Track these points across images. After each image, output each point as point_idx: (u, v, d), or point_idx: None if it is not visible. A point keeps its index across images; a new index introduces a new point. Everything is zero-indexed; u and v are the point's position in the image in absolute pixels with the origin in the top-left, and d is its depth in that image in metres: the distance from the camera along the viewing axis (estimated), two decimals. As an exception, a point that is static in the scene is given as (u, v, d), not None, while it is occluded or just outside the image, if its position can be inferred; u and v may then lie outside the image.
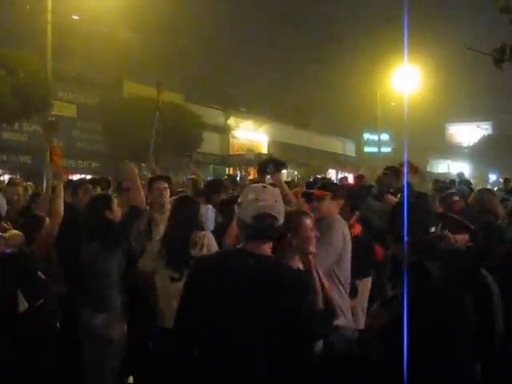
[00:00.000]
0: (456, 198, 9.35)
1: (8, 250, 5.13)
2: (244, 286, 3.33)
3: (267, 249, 3.51)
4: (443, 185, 13.06)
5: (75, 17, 28.05)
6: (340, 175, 40.37)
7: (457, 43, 48.61)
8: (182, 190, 8.67)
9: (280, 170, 7.34)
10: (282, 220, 3.49)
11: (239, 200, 3.55)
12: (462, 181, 15.90)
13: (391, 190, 9.22)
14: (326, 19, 53.04)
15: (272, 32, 50.55)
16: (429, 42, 46.36)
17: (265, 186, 3.60)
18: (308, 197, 6.13)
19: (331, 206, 5.99)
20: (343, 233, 5.74)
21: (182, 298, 3.52)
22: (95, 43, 29.19)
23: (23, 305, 4.82)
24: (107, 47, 29.75)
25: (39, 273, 5.24)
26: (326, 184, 6.61)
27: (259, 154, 41.76)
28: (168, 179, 7.73)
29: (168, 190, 7.24)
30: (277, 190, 3.61)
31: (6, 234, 5.41)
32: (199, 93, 39.72)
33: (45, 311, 4.88)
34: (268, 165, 7.28)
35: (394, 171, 9.72)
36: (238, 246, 3.59)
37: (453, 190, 10.10)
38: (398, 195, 8.54)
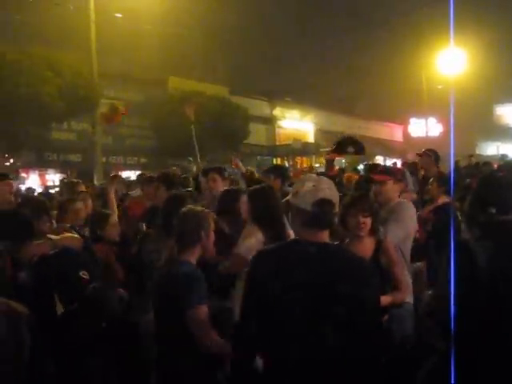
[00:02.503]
0: None
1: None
2: (310, 274, 3.33)
3: (325, 236, 3.50)
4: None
5: (118, 15, 28.30)
6: (388, 161, 40.05)
7: (504, 22, 47.86)
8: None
9: (359, 154, 7.45)
10: (337, 208, 3.52)
11: (294, 189, 3.54)
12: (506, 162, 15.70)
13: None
14: (369, 4, 52.43)
15: (315, 20, 50.27)
16: (475, 23, 45.48)
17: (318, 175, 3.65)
18: (370, 181, 6.22)
19: (393, 190, 6.17)
20: (413, 214, 6.14)
21: (245, 291, 3.54)
22: (139, 40, 29.42)
23: (59, 308, 4.86)
24: (151, 44, 29.97)
25: (82, 273, 5.18)
26: (388, 168, 6.71)
27: (306, 144, 41.72)
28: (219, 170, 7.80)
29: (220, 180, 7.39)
30: (329, 180, 3.62)
31: (58, 237, 5.32)
32: (244, 85, 39.73)
33: (84, 313, 4.85)
34: (348, 146, 7.29)
35: (435, 155, 9.65)
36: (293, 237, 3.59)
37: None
38: None
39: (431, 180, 8.56)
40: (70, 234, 5.67)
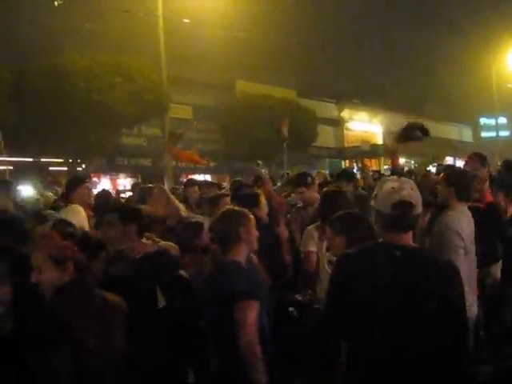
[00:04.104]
0: None
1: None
2: (397, 275, 3.33)
3: (409, 238, 3.47)
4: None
5: (186, 20, 28.52)
6: (458, 162, 39.41)
7: None
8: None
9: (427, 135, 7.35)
10: (420, 209, 3.46)
11: (375, 193, 3.53)
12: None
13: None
14: (436, 2, 51.54)
15: (381, 22, 49.75)
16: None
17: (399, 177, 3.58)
18: None
19: None
20: None
21: (329, 294, 3.56)
22: (206, 45, 29.55)
23: (162, 301, 4.97)
24: (218, 48, 30.07)
25: (182, 272, 5.31)
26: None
27: (374, 145, 41.33)
28: None
29: None
30: (411, 181, 3.59)
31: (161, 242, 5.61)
32: (311, 87, 39.62)
33: (184, 309, 4.90)
34: (415, 131, 7.17)
35: (480, 157, 9.34)
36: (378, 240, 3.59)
37: None
38: None
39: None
40: (169, 243, 5.79)
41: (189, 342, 4.97)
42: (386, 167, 33.81)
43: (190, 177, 29.56)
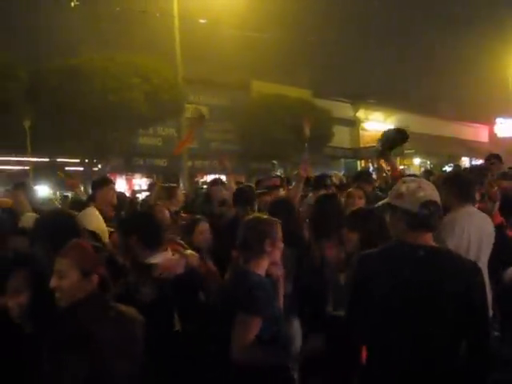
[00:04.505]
0: None
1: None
2: (418, 274, 3.33)
3: (430, 238, 3.48)
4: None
5: (202, 20, 28.56)
6: (473, 162, 39.25)
7: None
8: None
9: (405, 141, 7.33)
10: (441, 210, 3.51)
11: (396, 191, 3.52)
12: None
13: None
14: (451, 2, 51.28)
15: (396, 21, 49.57)
16: None
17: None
18: None
19: None
20: None
21: (351, 294, 3.57)
22: (222, 45, 29.57)
23: (178, 325, 4.87)
24: (234, 48, 30.07)
25: (200, 294, 5.28)
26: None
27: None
28: None
29: None
30: (430, 182, 3.67)
31: (188, 254, 5.40)
32: (327, 87, 39.55)
33: (198, 335, 4.79)
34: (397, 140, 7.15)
35: (497, 158, 9.27)
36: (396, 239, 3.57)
37: None
38: None
39: None
40: (191, 251, 5.61)
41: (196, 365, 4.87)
42: (401, 167, 33.63)
43: (206, 177, 29.65)
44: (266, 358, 4.08)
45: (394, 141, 7.21)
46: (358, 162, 41.01)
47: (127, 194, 15.64)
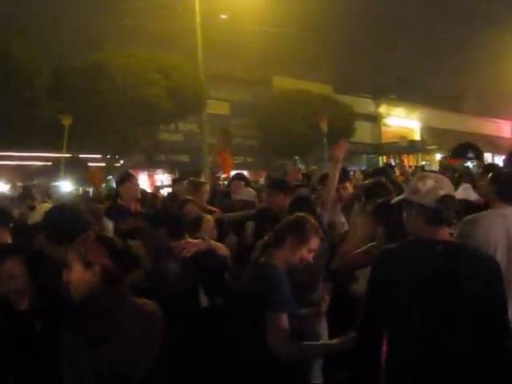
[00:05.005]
0: None
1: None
2: (437, 272, 3.30)
3: (447, 234, 3.46)
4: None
5: (223, 16, 28.59)
6: (496, 159, 38.93)
7: None
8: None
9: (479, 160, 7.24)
10: (457, 205, 3.50)
11: (413, 187, 3.50)
12: None
13: None
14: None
15: (419, 16, 49.30)
16: None
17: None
18: None
19: None
20: None
21: (369, 289, 3.50)
22: (243, 40, 29.58)
23: (204, 301, 5.02)
24: (255, 43, 30.07)
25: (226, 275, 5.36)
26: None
27: (412, 141, 40.96)
28: None
29: None
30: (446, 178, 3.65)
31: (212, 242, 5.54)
32: (348, 83, 39.46)
33: (222, 310, 4.87)
34: (468, 151, 7.08)
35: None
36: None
37: None
38: None
39: None
40: (219, 244, 5.68)
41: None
42: (423, 163, 33.48)
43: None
44: (311, 352, 4.12)
45: (463, 154, 7.15)
46: (380, 158, 40.83)
47: (148, 191, 15.72)
